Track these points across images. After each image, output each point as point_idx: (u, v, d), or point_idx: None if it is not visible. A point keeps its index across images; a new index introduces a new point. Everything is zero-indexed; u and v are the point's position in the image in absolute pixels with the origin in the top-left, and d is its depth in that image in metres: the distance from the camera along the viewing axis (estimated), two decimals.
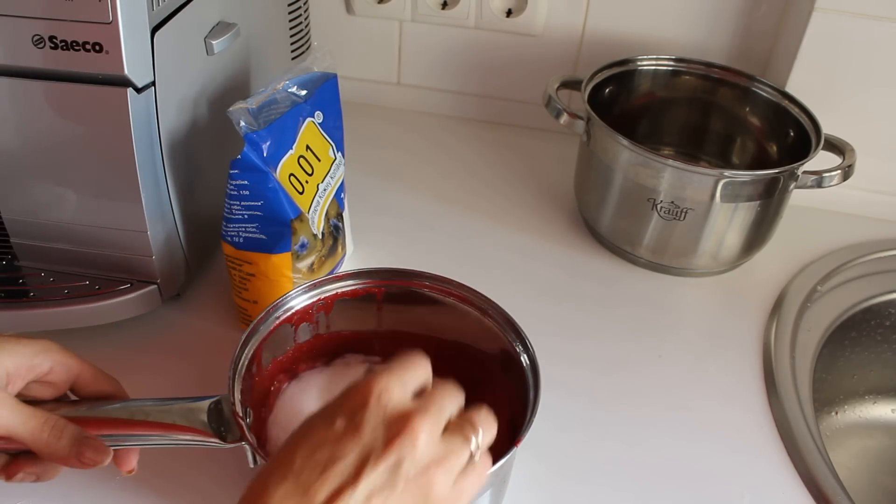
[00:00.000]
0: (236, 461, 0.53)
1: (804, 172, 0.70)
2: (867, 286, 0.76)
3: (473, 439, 0.38)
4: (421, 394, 0.38)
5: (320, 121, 0.65)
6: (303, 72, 0.64)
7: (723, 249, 0.73)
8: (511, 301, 0.55)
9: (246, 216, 0.60)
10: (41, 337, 0.45)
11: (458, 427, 0.38)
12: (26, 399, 0.44)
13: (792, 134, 0.76)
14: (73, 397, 0.47)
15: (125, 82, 0.53)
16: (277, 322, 0.54)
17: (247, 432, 0.45)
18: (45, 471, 0.45)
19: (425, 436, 0.36)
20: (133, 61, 0.52)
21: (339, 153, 0.68)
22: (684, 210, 0.70)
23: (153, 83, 0.55)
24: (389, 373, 0.37)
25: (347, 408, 0.36)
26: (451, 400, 0.39)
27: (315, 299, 0.56)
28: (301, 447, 0.35)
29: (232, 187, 0.59)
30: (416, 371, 0.39)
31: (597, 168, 0.75)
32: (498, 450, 0.50)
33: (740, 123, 0.82)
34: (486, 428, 0.39)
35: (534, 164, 0.91)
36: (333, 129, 0.67)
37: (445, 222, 0.81)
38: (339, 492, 0.34)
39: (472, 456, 0.38)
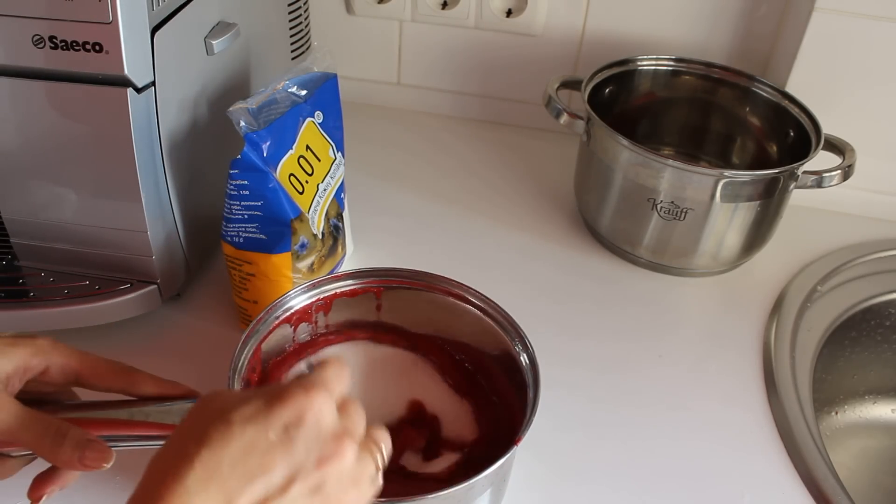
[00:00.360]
0: None
1: (804, 172, 0.70)
2: (867, 286, 0.76)
3: (379, 459, 0.39)
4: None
5: (320, 121, 0.65)
6: (303, 72, 0.64)
7: (723, 249, 0.73)
8: (511, 301, 0.55)
9: (246, 216, 0.60)
10: (39, 336, 0.45)
11: (366, 446, 0.39)
12: (28, 395, 0.44)
13: (792, 134, 0.76)
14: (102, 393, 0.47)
15: (125, 82, 0.53)
16: (277, 322, 0.54)
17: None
18: (64, 479, 0.45)
19: (350, 459, 0.37)
20: (133, 61, 0.52)
21: (339, 153, 0.68)
22: (684, 210, 0.70)
23: (153, 83, 0.55)
24: (327, 390, 0.38)
25: (283, 418, 0.36)
26: (362, 418, 0.40)
27: (314, 299, 0.56)
28: (230, 448, 0.34)
29: (232, 187, 0.59)
30: (344, 384, 0.40)
31: (597, 168, 0.75)
32: (498, 449, 0.50)
33: (740, 123, 0.82)
34: (387, 446, 0.41)
35: (534, 164, 0.91)
36: (333, 129, 0.67)
37: (445, 222, 0.81)
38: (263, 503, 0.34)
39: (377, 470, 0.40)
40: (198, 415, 0.37)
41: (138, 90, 0.54)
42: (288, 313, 0.55)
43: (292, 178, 0.61)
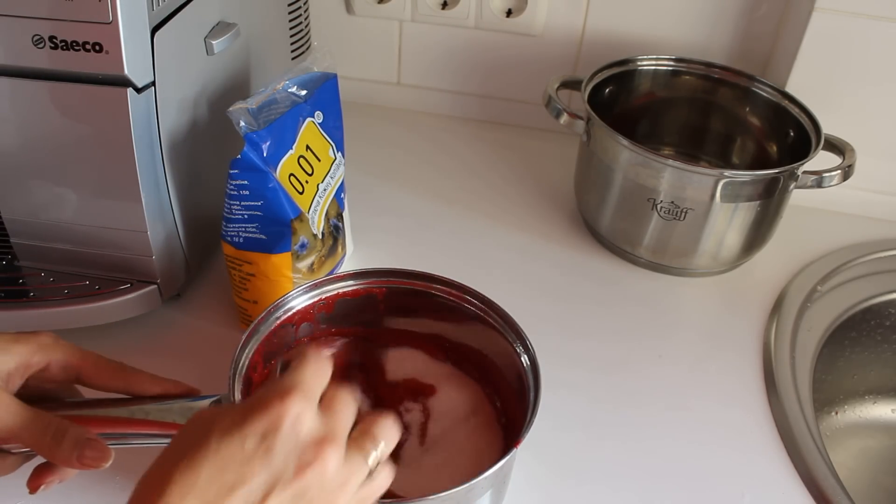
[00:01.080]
0: None
1: (804, 172, 0.70)
2: (867, 286, 0.76)
3: (372, 454, 0.38)
4: (321, 403, 0.38)
5: (320, 121, 0.65)
6: (303, 72, 0.64)
7: (723, 249, 0.73)
8: (511, 301, 0.55)
9: (246, 216, 0.60)
10: (41, 332, 0.45)
11: (358, 443, 0.38)
12: (30, 392, 0.44)
13: (792, 134, 0.76)
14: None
15: (125, 82, 0.53)
16: (278, 322, 0.54)
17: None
18: (64, 472, 0.45)
19: (333, 464, 0.36)
20: (133, 61, 0.52)
21: (339, 153, 0.68)
22: (684, 210, 0.70)
23: (153, 83, 0.55)
24: (304, 394, 0.37)
25: (259, 427, 0.35)
26: (351, 413, 0.39)
27: (316, 299, 0.56)
28: (207, 463, 0.34)
29: (232, 187, 0.59)
30: (323, 380, 0.39)
31: (597, 168, 0.75)
32: (498, 450, 0.50)
33: (740, 123, 0.83)
34: (387, 439, 0.39)
35: (534, 164, 0.91)
36: (333, 129, 0.67)
37: (445, 222, 0.81)
38: None
39: (371, 469, 0.38)
40: (181, 433, 0.37)
41: (138, 90, 0.54)
42: (289, 314, 0.55)
43: (292, 178, 0.61)
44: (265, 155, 0.58)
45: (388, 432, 0.40)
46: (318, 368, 0.39)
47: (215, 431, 0.35)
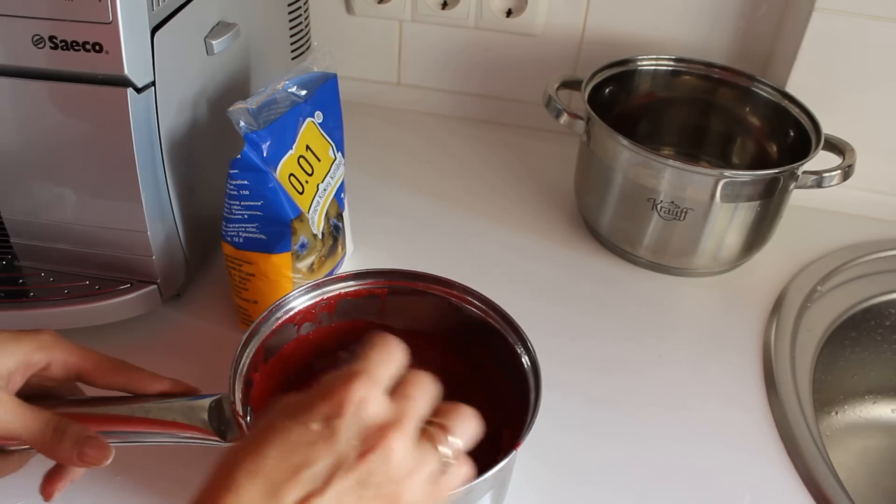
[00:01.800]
0: None
1: (804, 172, 0.70)
2: (867, 286, 0.76)
3: (443, 446, 0.37)
4: (395, 389, 0.38)
5: (320, 121, 0.65)
6: (303, 72, 0.64)
7: (723, 249, 0.73)
8: (511, 301, 0.55)
9: (246, 216, 0.60)
10: (42, 330, 0.45)
11: (429, 434, 0.37)
12: (31, 390, 0.44)
13: (792, 134, 0.76)
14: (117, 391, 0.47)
15: (125, 82, 0.53)
16: (279, 322, 0.54)
17: (247, 431, 0.45)
18: (73, 474, 0.45)
19: (398, 451, 0.35)
20: (133, 61, 0.52)
21: (339, 153, 0.68)
22: (684, 210, 0.70)
23: (153, 83, 0.55)
24: (369, 377, 0.37)
25: (324, 410, 0.35)
26: (426, 400, 0.38)
27: (318, 299, 0.56)
28: (274, 445, 0.35)
29: (232, 187, 0.59)
30: (393, 365, 0.38)
31: (597, 168, 0.75)
32: (498, 451, 0.50)
33: (740, 123, 0.83)
34: (463, 432, 0.38)
35: (534, 164, 0.91)
36: (333, 129, 0.67)
37: (445, 222, 0.81)
38: (307, 497, 0.34)
39: (443, 463, 0.37)
40: (257, 421, 0.37)
41: (138, 90, 0.54)
42: (290, 314, 0.55)
43: (292, 178, 0.61)
44: (265, 155, 0.58)
45: (464, 425, 0.38)
46: (386, 353, 0.38)
47: (283, 415, 0.36)
